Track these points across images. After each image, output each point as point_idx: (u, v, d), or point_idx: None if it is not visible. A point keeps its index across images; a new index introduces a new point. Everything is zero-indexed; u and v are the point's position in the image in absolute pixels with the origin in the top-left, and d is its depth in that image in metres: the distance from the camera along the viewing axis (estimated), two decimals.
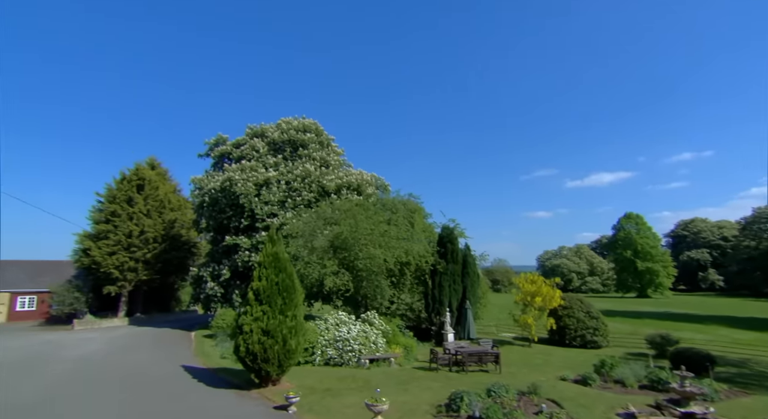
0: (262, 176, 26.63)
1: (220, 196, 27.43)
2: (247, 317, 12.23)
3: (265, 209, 25.84)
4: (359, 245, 18.61)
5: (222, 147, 31.01)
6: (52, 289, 35.79)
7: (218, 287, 27.04)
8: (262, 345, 11.82)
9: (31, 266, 42.66)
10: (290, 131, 29.39)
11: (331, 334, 16.13)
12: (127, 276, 33.70)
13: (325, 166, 28.87)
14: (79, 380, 13.95)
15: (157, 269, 35.15)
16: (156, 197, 36.40)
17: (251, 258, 25.09)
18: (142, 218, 34.68)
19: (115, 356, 18.84)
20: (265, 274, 12.48)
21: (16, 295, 38.98)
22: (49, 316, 35.99)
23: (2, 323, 36.75)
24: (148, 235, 34.47)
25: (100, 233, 33.83)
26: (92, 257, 33.05)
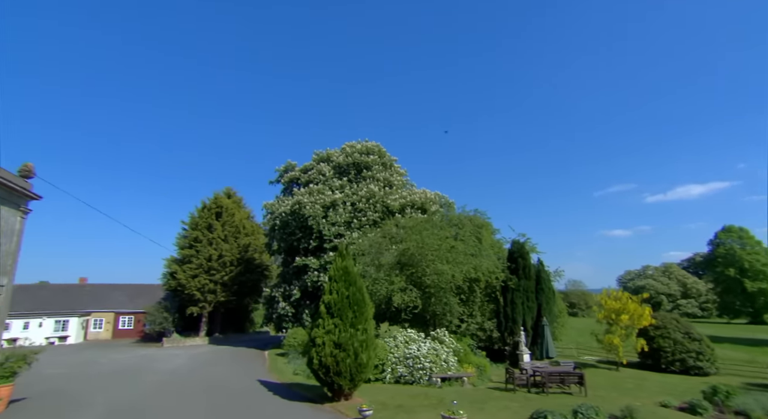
0: (328, 198, 27.69)
1: (290, 219, 28.87)
2: (320, 330, 12.39)
3: (332, 230, 26.66)
4: (426, 260, 18.34)
5: (291, 173, 32.92)
6: (146, 310, 39.65)
7: (289, 306, 28.05)
8: (334, 358, 11.86)
9: (131, 289, 47.77)
10: (354, 154, 30.47)
11: (400, 351, 15.81)
12: (207, 298, 36.28)
13: (389, 186, 29.34)
14: (171, 389, 15.06)
15: (233, 290, 37.46)
16: (232, 223, 39.32)
17: (320, 278, 25.79)
18: (220, 243, 37.53)
19: (199, 370, 20.08)
20: (336, 287, 12.65)
21: (119, 315, 43.78)
22: (144, 334, 39.69)
23: (108, 339, 41.30)
24: (225, 258, 37.10)
25: (185, 257, 37.12)
26: (178, 280, 36.21)
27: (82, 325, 41.42)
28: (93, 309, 43.15)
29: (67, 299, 43.43)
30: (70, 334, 39.51)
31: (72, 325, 40.59)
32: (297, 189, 30.46)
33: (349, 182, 29.86)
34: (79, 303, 43.02)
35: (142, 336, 40.64)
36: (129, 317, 43.87)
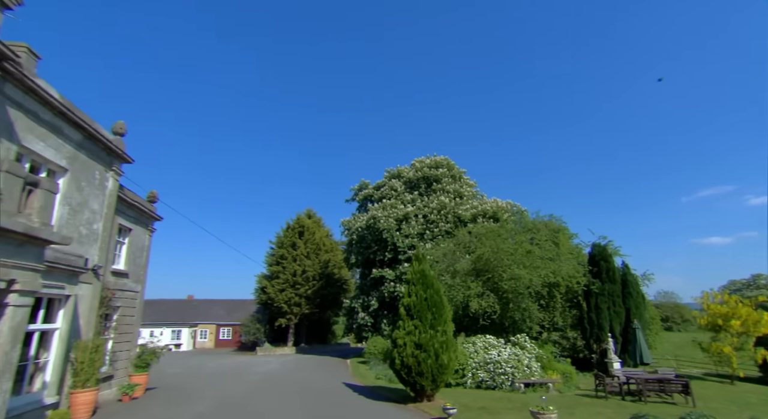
0: (401, 211, 28.75)
1: (366, 233, 30.38)
2: (400, 331, 12.98)
3: (405, 242, 27.54)
4: (502, 265, 18.20)
5: (365, 191, 34.74)
6: (241, 322, 43.74)
7: (368, 316, 29.23)
8: (415, 358, 12.28)
9: (228, 304, 53.07)
10: (423, 168, 31.37)
11: (480, 357, 15.82)
12: (293, 310, 39.06)
13: (459, 197, 29.62)
14: (267, 387, 16.82)
15: (316, 303, 39.88)
16: (313, 241, 42.21)
17: (396, 289, 26.64)
18: (303, 259, 40.45)
19: (290, 373, 21.89)
20: (414, 290, 13.18)
21: (220, 327, 48.81)
22: (240, 344, 43.67)
23: (212, 348, 46.16)
24: (308, 274, 39.81)
25: (273, 273, 40.61)
26: (268, 294, 39.63)
27: (191, 335, 46.92)
28: (199, 322, 48.71)
29: (179, 312, 49.66)
30: (183, 342, 44.98)
31: (184, 335, 46.21)
32: (371, 205, 32.02)
33: (420, 195, 30.70)
34: (189, 316, 48.91)
35: (238, 346, 44.76)
36: (228, 328, 48.65)
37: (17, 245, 6.05)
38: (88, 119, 11.15)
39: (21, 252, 6.15)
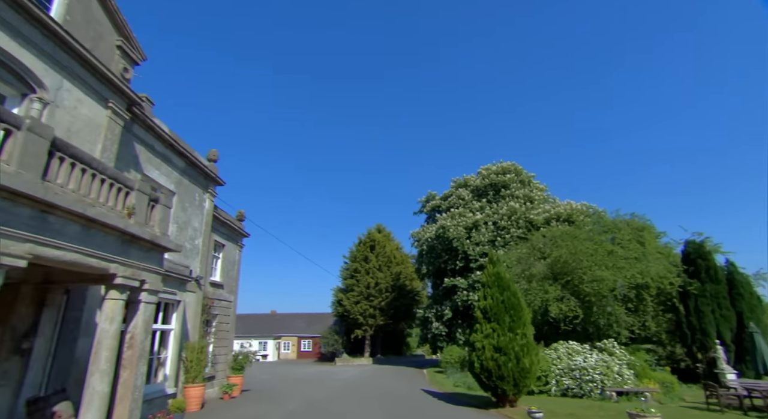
0: (470, 219, 28.48)
1: (436, 243, 30.49)
2: (478, 334, 12.88)
3: (476, 250, 27.15)
4: (582, 267, 17.17)
5: (432, 202, 34.97)
6: (321, 334, 45.77)
7: (442, 326, 29.04)
8: (495, 362, 12.05)
9: (308, 318, 55.90)
10: (490, 175, 30.88)
11: (564, 363, 15.00)
12: (368, 322, 40.04)
13: (530, 202, 28.61)
14: (348, 391, 17.61)
15: (389, 315, 40.52)
16: (384, 254, 43.21)
17: (469, 297, 26.26)
18: (375, 272, 41.52)
19: (368, 380, 22.53)
20: (490, 293, 13.04)
21: (301, 339, 51.52)
22: (320, 355, 45.59)
23: (294, 359, 48.82)
24: (381, 286, 40.72)
25: (348, 286, 42.18)
26: (344, 306, 41.17)
27: (276, 347, 50.11)
28: (282, 334, 51.89)
29: (264, 326, 53.42)
30: (269, 353, 48.18)
31: (269, 346, 49.52)
32: (439, 215, 32.12)
33: (489, 202, 30.18)
34: (273, 329, 52.38)
35: (319, 357, 46.76)
36: (308, 340, 51.15)
37: (146, 251, 7.35)
38: (190, 148, 13.01)
39: (148, 257, 7.45)
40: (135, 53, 9.96)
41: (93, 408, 6.38)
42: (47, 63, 7.57)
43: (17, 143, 4.84)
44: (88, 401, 6.40)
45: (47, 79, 7.57)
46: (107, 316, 6.77)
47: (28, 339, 7.22)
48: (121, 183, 6.71)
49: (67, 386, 7.86)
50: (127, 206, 6.86)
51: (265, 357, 47.32)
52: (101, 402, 6.45)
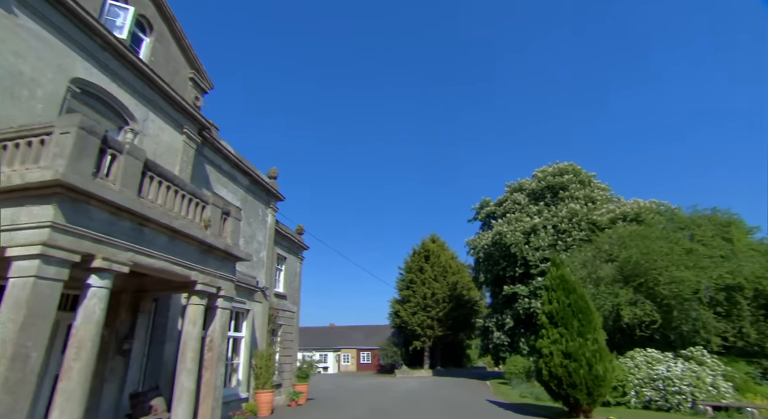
0: (527, 224, 27.50)
1: (493, 250, 29.70)
2: (544, 340, 12.33)
3: (536, 255, 26.08)
4: (657, 268, 15.82)
5: (487, 208, 34.23)
6: (379, 346, 45.96)
7: (504, 335, 28.01)
8: (565, 369, 11.46)
9: (366, 330, 56.43)
10: (546, 177, 29.71)
11: (643, 372, 13.84)
12: (426, 333, 39.60)
13: (591, 202, 27.07)
14: (410, 400, 17.58)
15: (448, 325, 39.81)
16: (439, 264, 42.78)
17: (531, 304, 25.16)
18: (431, 282, 41.15)
19: (430, 390, 22.26)
20: (555, 296, 12.48)
21: (360, 351, 52.03)
22: (379, 366, 45.69)
23: (354, 371, 49.32)
24: (437, 296, 40.24)
25: (404, 297, 42.14)
26: (401, 318, 41.11)
27: (336, 359, 51.02)
28: (341, 346, 52.77)
29: (324, 338, 54.71)
30: (329, 365, 49.13)
31: (329, 359, 50.55)
32: (494, 222, 31.33)
33: (546, 205, 28.97)
34: (332, 342, 53.48)
35: (378, 369, 46.86)
36: (367, 352, 51.50)
37: (221, 260, 8.03)
38: (253, 167, 14.00)
39: (223, 266, 8.13)
40: (204, 83, 11.06)
41: (183, 403, 7.01)
42: (137, 99, 8.68)
43: (120, 165, 5.61)
44: (178, 396, 7.04)
45: (137, 112, 8.66)
46: (190, 319, 7.46)
47: (128, 341, 8.12)
48: (198, 198, 7.44)
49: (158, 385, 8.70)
50: (203, 218, 7.57)
51: (325, 369, 48.32)
52: (189, 397, 7.08)
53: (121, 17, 8.39)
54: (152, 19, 9.55)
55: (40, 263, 4.50)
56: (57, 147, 4.87)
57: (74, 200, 4.90)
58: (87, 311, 5.19)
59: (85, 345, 5.06)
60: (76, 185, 4.70)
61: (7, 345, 4.20)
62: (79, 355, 4.99)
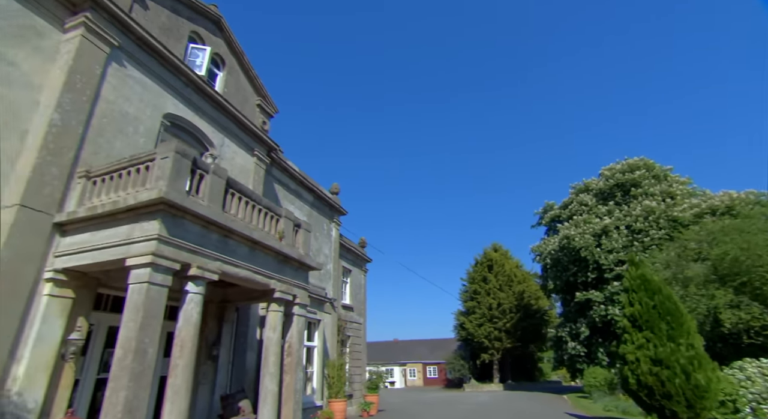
0: (597, 225, 25.79)
1: (560, 255, 28.16)
2: (628, 345, 11.43)
3: (610, 259, 24.31)
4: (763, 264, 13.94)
5: (551, 212, 32.65)
6: (445, 360, 44.99)
7: (579, 346, 26.14)
8: (656, 377, 10.46)
9: (430, 344, 55.57)
10: (615, 175, 27.80)
11: (759, 386, 12.17)
12: (495, 345, 38.10)
13: (670, 197, 24.79)
14: (483, 413, 17.14)
15: (517, 337, 38.01)
16: (504, 273, 41.31)
17: (608, 311, 23.35)
18: (496, 292, 39.78)
19: (502, 404, 21.40)
20: (636, 298, 11.56)
21: (426, 365, 51.24)
22: (447, 381, 44.61)
23: (420, 385, 48.60)
24: (504, 306, 38.73)
25: (469, 309, 41.10)
26: (467, 330, 40.05)
27: (402, 373, 50.67)
28: (407, 361, 52.34)
29: (388, 353, 54.65)
30: (395, 380, 48.85)
31: (395, 373, 50.29)
32: (560, 226, 29.75)
33: (617, 204, 27.01)
34: (397, 356, 53.23)
35: (445, 383, 45.73)
36: (434, 367, 50.54)
37: (295, 270, 8.55)
38: (317, 184, 14.76)
39: (297, 275, 8.64)
40: (270, 108, 12.01)
41: (268, 404, 7.47)
42: (215, 126, 9.67)
43: (207, 183, 6.30)
44: (263, 398, 7.52)
45: (215, 138, 9.63)
46: (270, 325, 7.99)
47: (216, 347, 8.86)
48: (272, 212, 8.05)
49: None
50: (277, 231, 8.15)
51: (392, 383, 48.09)
52: (273, 399, 7.53)
53: (200, 57, 9.47)
54: (224, 55, 10.65)
55: (150, 271, 5.18)
56: (159, 170, 5.62)
57: (174, 216, 5.59)
58: (186, 314, 5.82)
59: (186, 344, 5.67)
60: (175, 201, 5.37)
61: (131, 342, 4.86)
62: (182, 353, 5.60)
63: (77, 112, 6.56)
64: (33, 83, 6.34)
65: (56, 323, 5.85)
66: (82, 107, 6.64)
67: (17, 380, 5.28)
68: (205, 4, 9.96)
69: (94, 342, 6.97)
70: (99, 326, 7.06)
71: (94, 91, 6.87)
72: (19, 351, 5.38)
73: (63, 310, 5.98)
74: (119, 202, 5.58)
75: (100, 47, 7.06)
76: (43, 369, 5.56)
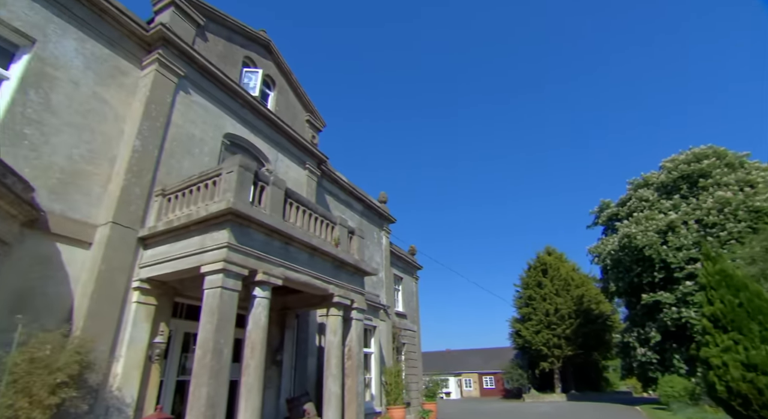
0: (662, 221, 24.01)
1: (621, 255, 26.47)
2: (711, 348, 10.43)
3: (679, 256, 22.47)
4: None
5: (607, 211, 30.89)
6: (502, 369, 43.46)
7: (650, 352, 24.17)
8: (751, 384, 9.31)
9: (484, 353, 54.01)
10: (679, 166, 25.83)
11: None
12: (554, 352, 36.26)
13: (749, 186, 22.58)
14: None
15: (578, 343, 35.93)
16: (559, 277, 39.47)
17: (682, 314, 21.51)
18: (552, 297, 38.03)
19: (567, 415, 20.35)
20: (717, 296, 10.53)
21: (481, 375, 49.79)
22: (505, 391, 42.99)
23: (477, 396, 47.20)
24: (562, 312, 36.88)
25: (524, 315, 39.58)
26: (523, 337, 38.51)
27: (457, 384, 49.51)
28: (461, 371, 51.12)
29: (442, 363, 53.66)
30: (451, 390, 47.81)
31: (450, 384, 49.22)
32: (618, 224, 28.03)
33: (683, 198, 25.01)
34: (451, 366, 52.14)
35: (503, 394, 44.07)
36: (490, 377, 48.97)
37: (351, 275, 8.80)
38: (365, 194, 15.11)
39: (353, 280, 8.88)
40: (318, 122, 12.56)
41: (332, 406, 7.69)
42: (269, 143, 10.29)
43: (267, 194, 6.73)
44: (327, 400, 7.75)
45: (270, 154, 10.24)
46: (331, 329, 8.25)
47: (279, 353, 9.27)
48: (327, 220, 8.39)
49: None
50: (333, 238, 8.46)
51: (448, 394, 47.07)
52: (337, 401, 7.74)
53: (253, 79, 10.18)
54: (274, 76, 11.35)
55: (223, 276, 5.60)
56: (225, 183, 6.10)
57: (240, 225, 6.03)
58: (255, 317, 6.21)
59: (256, 346, 6.03)
60: (241, 211, 5.80)
61: (209, 342, 5.28)
62: (253, 354, 5.96)
63: (153, 137, 7.31)
64: (119, 115, 7.18)
65: (143, 327, 6.47)
66: (157, 133, 7.39)
67: (117, 377, 5.90)
68: (256, 31, 10.71)
69: (173, 346, 7.58)
70: (176, 332, 7.68)
71: (166, 117, 7.63)
72: (117, 350, 6.02)
73: (148, 316, 6.60)
74: (192, 214, 6.11)
75: (170, 78, 7.83)
76: (136, 368, 6.16)
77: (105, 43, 7.24)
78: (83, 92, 6.76)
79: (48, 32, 6.44)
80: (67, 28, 6.73)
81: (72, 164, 6.40)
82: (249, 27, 10.42)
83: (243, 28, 10.26)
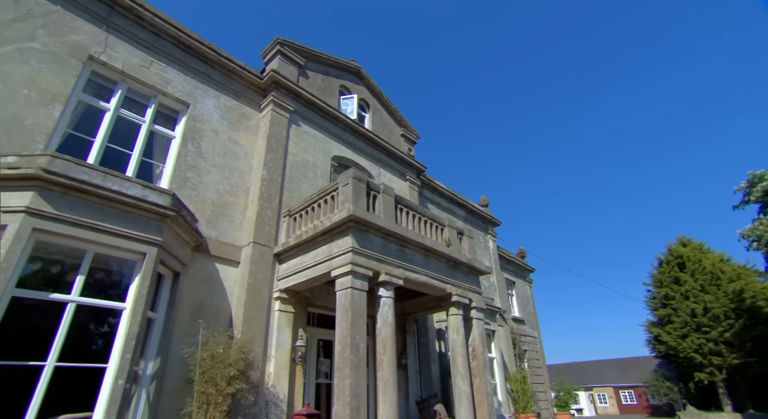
0: None
1: None
2: None
3: None
4: None
5: (761, 184, 25.72)
6: (644, 382, 37.95)
7: None
8: None
9: (618, 364, 47.91)
10: None
11: None
12: (713, 361, 30.52)
13: None
14: None
15: (745, 350, 29.73)
16: (703, 270, 33.59)
17: None
18: (697, 294, 32.41)
19: None
20: None
21: (618, 389, 44.13)
22: (652, 407, 37.33)
23: (615, 413, 41.81)
24: (714, 311, 31.08)
25: (662, 317, 34.29)
26: (665, 343, 33.24)
27: (589, 399, 44.56)
28: (593, 384, 45.95)
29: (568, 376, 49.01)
30: (583, 407, 43.13)
31: (581, 399, 44.46)
32: None
33: None
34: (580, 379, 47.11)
35: (650, 411, 38.26)
36: (629, 391, 43.10)
37: (465, 274, 8.83)
38: (466, 199, 15.09)
39: (468, 279, 8.89)
40: (412, 135, 13.07)
41: (463, 405, 7.68)
42: (371, 160, 11.04)
43: (380, 201, 7.23)
44: (458, 399, 7.77)
45: (372, 170, 10.95)
46: (453, 328, 8.33)
47: (404, 357, 9.60)
48: (436, 222, 8.62)
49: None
50: (444, 238, 8.64)
51: (580, 410, 42.45)
52: (468, 400, 7.72)
53: (350, 105, 11.11)
54: (367, 99, 12.21)
55: (351, 278, 6.14)
56: (343, 195, 6.74)
57: (360, 230, 6.57)
58: (383, 316, 6.62)
59: (387, 342, 6.41)
60: (361, 217, 6.34)
61: (346, 337, 5.80)
62: (385, 350, 6.34)
63: (276, 167, 8.43)
64: (248, 152, 8.48)
65: (286, 332, 7.33)
66: (278, 163, 8.51)
67: (270, 375, 6.78)
68: (347, 61, 11.72)
69: (309, 351, 8.40)
70: (311, 338, 8.50)
71: (284, 148, 8.75)
72: (269, 352, 6.93)
73: (288, 322, 7.48)
74: (318, 226, 6.86)
75: (283, 114, 9.01)
76: (284, 368, 7.00)
77: (233, 96, 8.70)
78: (221, 138, 8.16)
79: (196, 96, 8.00)
80: (208, 90, 8.27)
81: (219, 197, 7.71)
82: (341, 59, 11.46)
83: (336, 61, 11.33)
